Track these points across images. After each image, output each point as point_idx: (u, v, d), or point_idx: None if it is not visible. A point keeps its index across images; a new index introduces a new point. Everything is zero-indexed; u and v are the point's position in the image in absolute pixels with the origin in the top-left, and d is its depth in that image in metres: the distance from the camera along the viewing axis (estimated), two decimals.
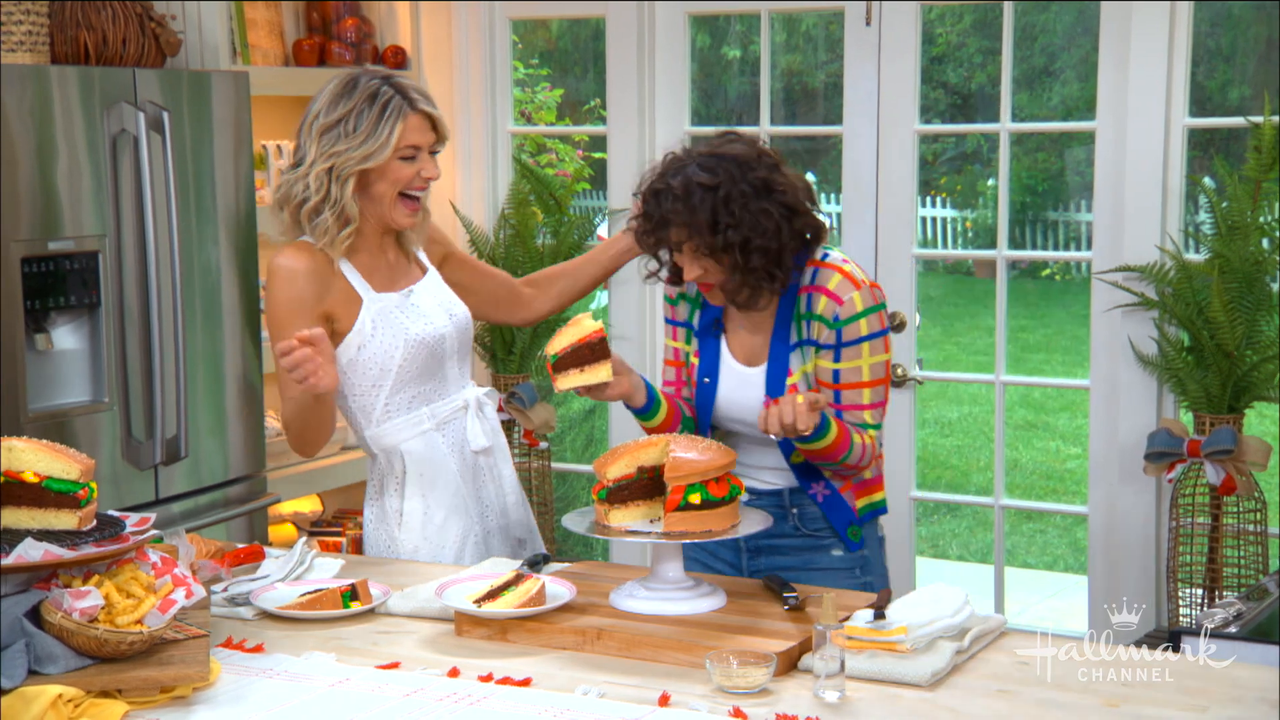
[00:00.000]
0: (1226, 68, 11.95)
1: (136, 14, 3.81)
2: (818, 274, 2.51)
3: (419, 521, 2.71)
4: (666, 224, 2.45)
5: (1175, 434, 3.82)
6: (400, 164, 2.60)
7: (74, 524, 2.10)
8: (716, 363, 2.61)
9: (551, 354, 2.45)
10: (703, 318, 2.63)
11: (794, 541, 2.61)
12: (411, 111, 2.59)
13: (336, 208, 2.58)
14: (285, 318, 2.58)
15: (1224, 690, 1.95)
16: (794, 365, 2.55)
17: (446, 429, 2.73)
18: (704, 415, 2.63)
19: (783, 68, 12.21)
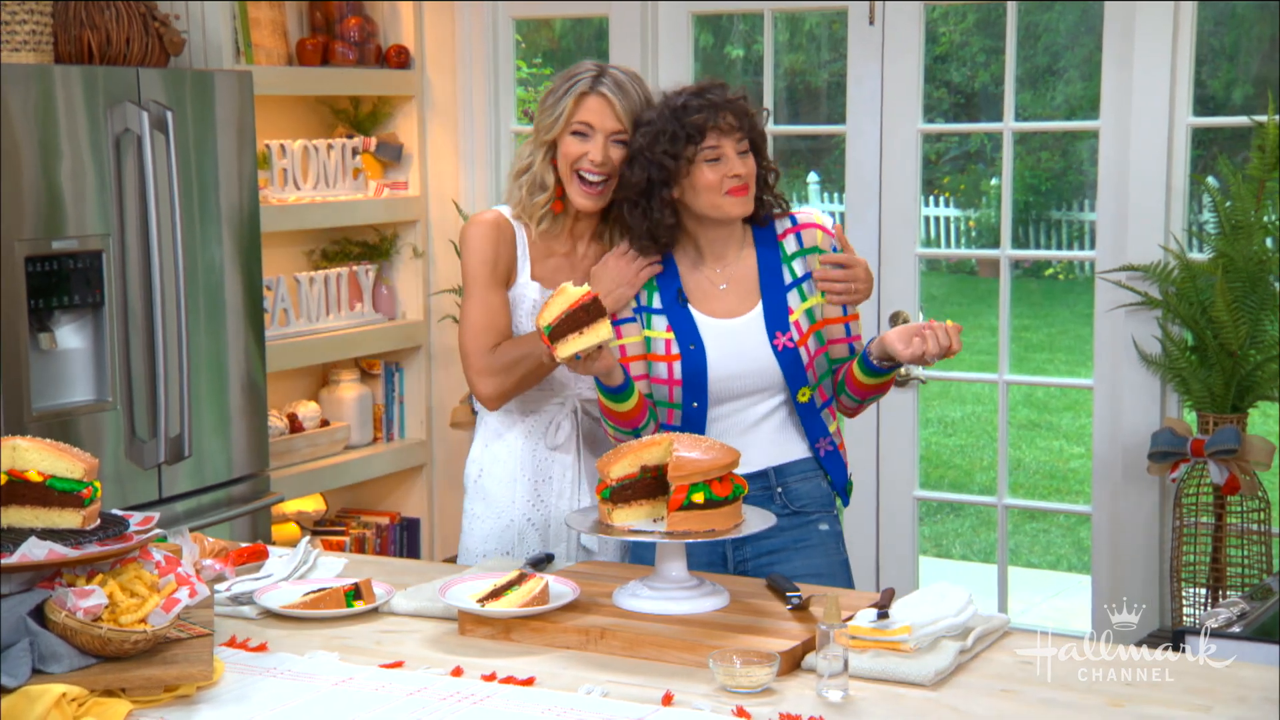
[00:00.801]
0: (1230, 67, 11.94)
1: (140, 14, 3.82)
2: (797, 218, 2.68)
3: (473, 487, 2.80)
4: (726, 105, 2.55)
5: (1179, 433, 3.82)
6: (572, 139, 2.68)
7: (78, 523, 2.10)
8: (694, 328, 2.62)
9: (545, 325, 2.41)
10: (664, 295, 2.64)
11: (781, 522, 2.60)
12: (590, 92, 2.68)
13: (533, 174, 2.72)
14: (477, 277, 2.71)
15: (1228, 690, 1.95)
16: (793, 304, 2.62)
17: (531, 419, 2.75)
18: (698, 384, 2.61)
19: (786, 67, 12.20)
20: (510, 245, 2.73)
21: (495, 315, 2.70)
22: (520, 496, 2.75)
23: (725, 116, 2.57)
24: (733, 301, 2.63)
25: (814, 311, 2.63)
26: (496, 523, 2.74)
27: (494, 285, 2.71)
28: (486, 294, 2.70)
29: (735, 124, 2.57)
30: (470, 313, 2.72)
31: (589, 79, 2.69)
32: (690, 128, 2.55)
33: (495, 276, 2.71)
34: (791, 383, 2.60)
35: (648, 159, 2.58)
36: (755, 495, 2.58)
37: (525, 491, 2.75)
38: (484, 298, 2.70)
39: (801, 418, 2.63)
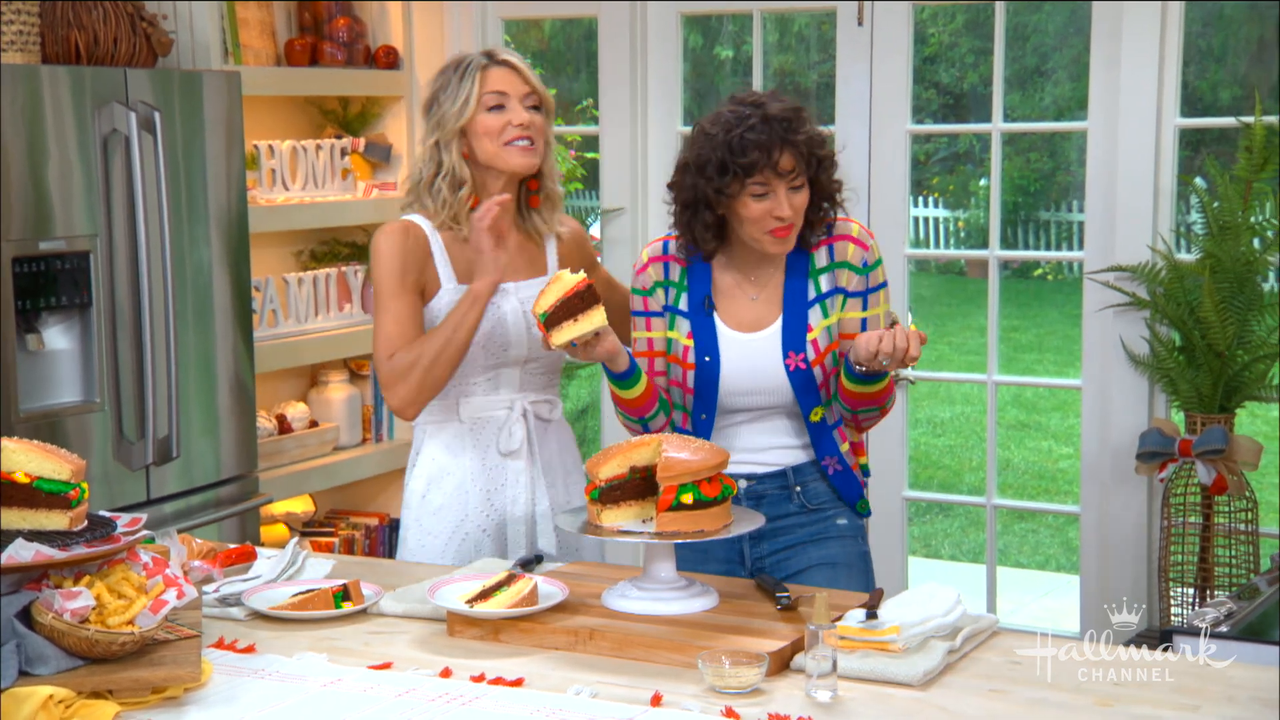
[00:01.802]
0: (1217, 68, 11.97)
1: (128, 14, 3.81)
2: (833, 228, 2.59)
3: (417, 502, 2.75)
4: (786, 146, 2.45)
5: (1167, 434, 3.83)
6: (489, 115, 2.67)
7: (65, 524, 2.10)
8: (714, 339, 2.57)
9: (541, 312, 2.41)
10: (691, 298, 2.60)
11: (800, 519, 2.60)
12: (491, 64, 2.70)
13: (447, 174, 2.70)
14: (387, 289, 2.67)
15: (1218, 690, 1.96)
16: (813, 320, 2.55)
17: (478, 424, 2.73)
18: (708, 396, 2.57)
19: (775, 68, 12.21)
20: (422, 252, 2.69)
21: (403, 325, 2.64)
22: (473, 507, 2.72)
23: (780, 160, 2.46)
24: (758, 313, 2.58)
25: (833, 329, 2.57)
26: (451, 537, 2.72)
27: (402, 294, 2.66)
28: (394, 304, 2.65)
29: (790, 167, 2.47)
30: (378, 324, 2.67)
31: (480, 57, 2.70)
32: (738, 166, 2.45)
33: (404, 285, 2.66)
34: (804, 404, 2.56)
35: (694, 180, 2.51)
36: (774, 494, 2.59)
37: (478, 501, 2.72)
38: (391, 308, 2.65)
39: (812, 437, 2.59)
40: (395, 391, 2.64)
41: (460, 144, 2.69)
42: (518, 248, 2.75)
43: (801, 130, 2.49)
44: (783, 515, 2.60)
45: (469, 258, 2.68)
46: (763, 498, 2.60)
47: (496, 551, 2.74)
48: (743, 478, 2.58)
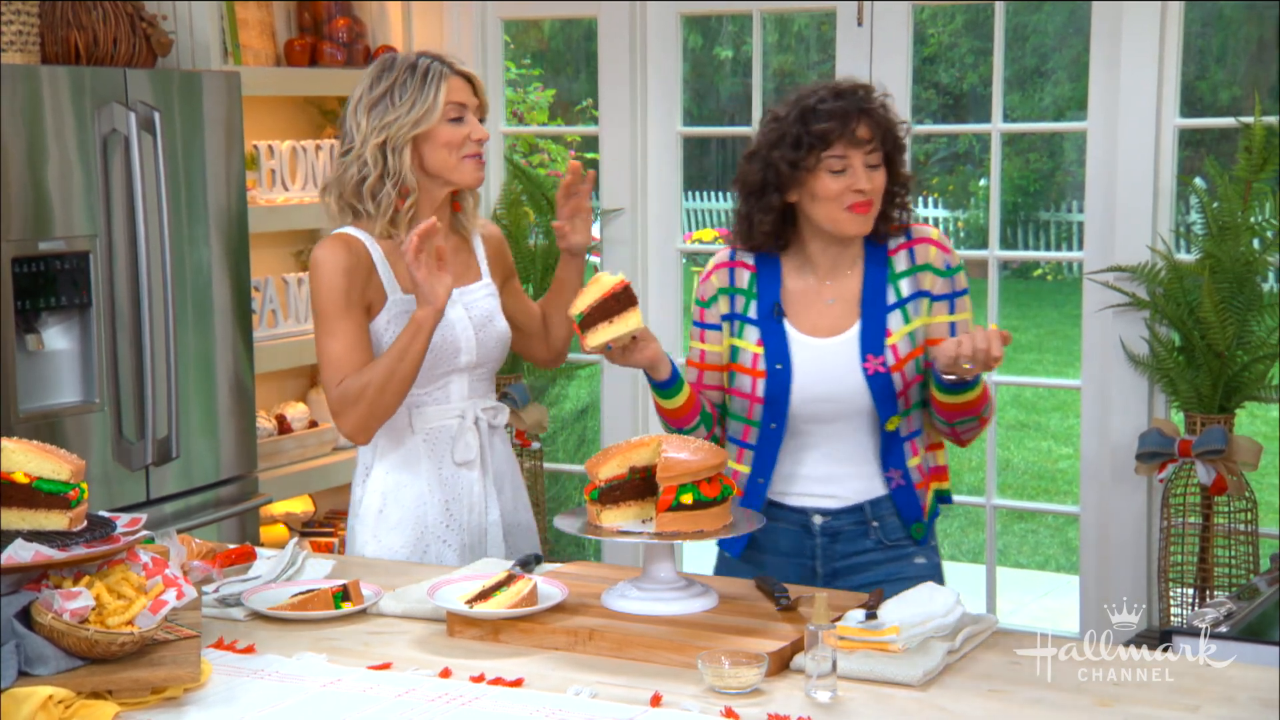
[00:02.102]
0: (1217, 68, 11.98)
1: (127, 14, 3.81)
2: (911, 231, 2.52)
3: (373, 518, 2.71)
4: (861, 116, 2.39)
5: (1166, 434, 3.83)
6: (449, 127, 2.63)
7: (65, 525, 2.10)
8: (785, 346, 2.48)
9: (577, 313, 2.38)
10: (761, 304, 2.51)
11: (876, 556, 2.50)
12: (451, 73, 2.65)
13: (396, 179, 2.63)
14: (332, 310, 2.60)
15: (1216, 690, 1.96)
16: (893, 325, 2.47)
17: (432, 434, 2.70)
18: (779, 404, 2.48)
19: (775, 68, 12.21)
20: (366, 268, 2.62)
21: (351, 349, 2.58)
22: (432, 519, 2.70)
23: (857, 128, 2.40)
24: (833, 318, 2.49)
25: (916, 336, 2.48)
26: (412, 551, 2.70)
27: (348, 314, 2.59)
28: (340, 325, 2.59)
29: (868, 136, 2.41)
30: (324, 348, 2.61)
31: (437, 63, 2.65)
32: (815, 136, 2.39)
33: (349, 304, 2.60)
34: (882, 411, 2.46)
35: (766, 160, 2.44)
36: (850, 530, 2.50)
37: (437, 512, 2.70)
38: (338, 330, 2.59)
39: (882, 445, 2.49)
40: (346, 419, 2.59)
41: (411, 149, 2.63)
42: (453, 252, 2.72)
43: (875, 100, 2.44)
44: (860, 552, 2.52)
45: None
46: (838, 534, 2.52)
47: (460, 561, 2.72)
48: (817, 512, 2.51)
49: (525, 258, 4.50)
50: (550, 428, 5.21)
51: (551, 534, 4.67)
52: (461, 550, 2.72)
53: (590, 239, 2.85)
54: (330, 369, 2.60)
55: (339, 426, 2.63)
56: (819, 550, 2.51)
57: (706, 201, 14.30)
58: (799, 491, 2.52)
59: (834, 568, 2.52)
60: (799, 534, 2.52)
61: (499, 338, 2.75)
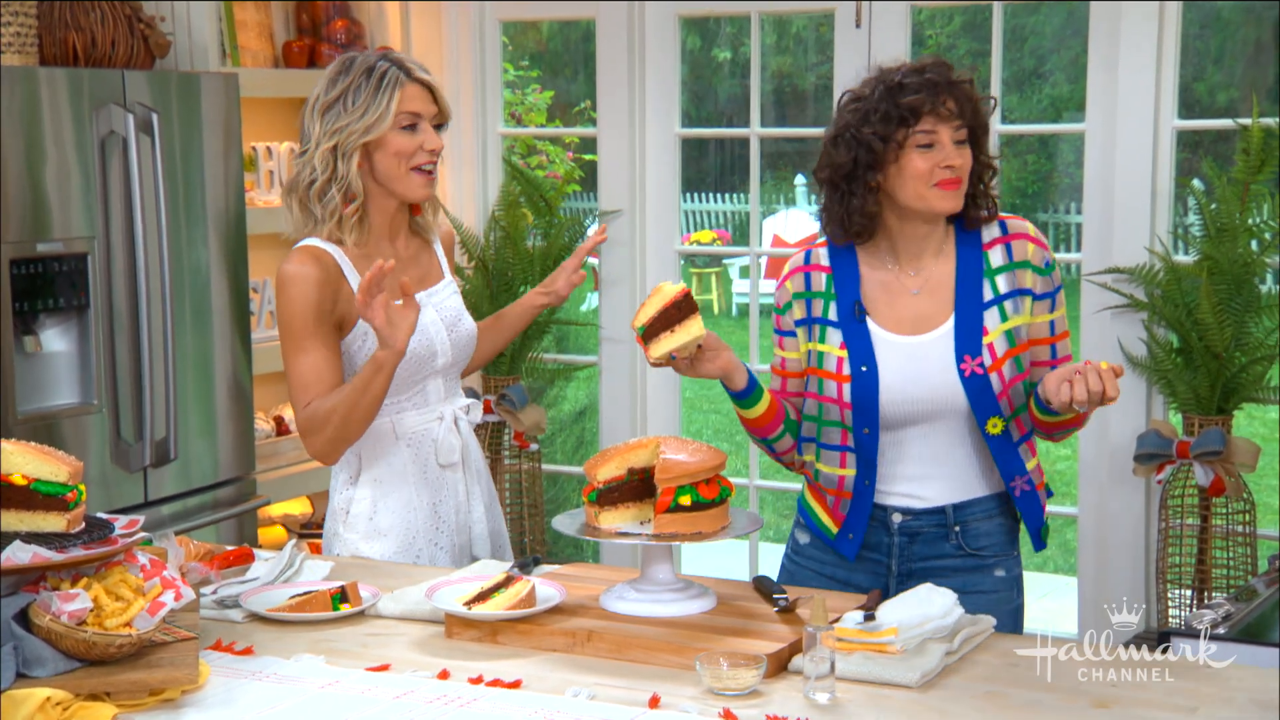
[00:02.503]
0: (1215, 70, 11.98)
1: (125, 15, 3.81)
2: (1006, 225, 2.44)
3: (362, 524, 2.70)
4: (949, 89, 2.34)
5: (1164, 435, 3.83)
6: (401, 135, 2.58)
7: (62, 526, 2.09)
8: (869, 347, 2.40)
9: (639, 325, 2.32)
10: (841, 305, 2.43)
11: (954, 563, 2.43)
12: (409, 80, 2.58)
13: (342, 184, 2.59)
14: (301, 327, 2.56)
15: (1215, 691, 1.96)
16: (990, 323, 2.38)
17: (415, 439, 2.69)
18: (869, 408, 2.39)
19: (773, 70, 12.21)
20: (336, 281, 2.58)
21: (320, 371, 2.55)
22: (421, 522, 2.69)
23: (946, 101, 2.34)
24: (922, 312, 2.41)
25: (1015, 334, 2.39)
26: (405, 556, 2.69)
27: (318, 333, 2.55)
28: (310, 344, 2.55)
29: (955, 110, 2.35)
30: (293, 368, 2.57)
31: (395, 68, 2.58)
32: (905, 109, 2.33)
33: (319, 322, 2.55)
34: (979, 413, 2.37)
35: (855, 139, 2.37)
36: (930, 533, 2.44)
37: (425, 515, 2.69)
38: (308, 349, 2.55)
39: (994, 451, 2.39)
40: (312, 442, 2.58)
41: (360, 156, 2.59)
42: (414, 255, 2.71)
43: (960, 76, 2.37)
44: (938, 556, 2.45)
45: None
46: (917, 535, 2.45)
47: (448, 563, 2.72)
48: (898, 511, 2.45)
49: (524, 259, 4.50)
50: (549, 429, 5.22)
51: (550, 535, 4.67)
52: (452, 551, 2.73)
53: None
54: (299, 389, 2.57)
55: (306, 446, 2.61)
56: (895, 549, 2.46)
57: (705, 203, 14.30)
58: (886, 489, 2.46)
59: (910, 569, 2.45)
60: (879, 531, 2.47)
61: (469, 335, 2.75)
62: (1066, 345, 2.46)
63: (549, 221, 4.58)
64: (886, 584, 2.47)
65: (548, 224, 4.58)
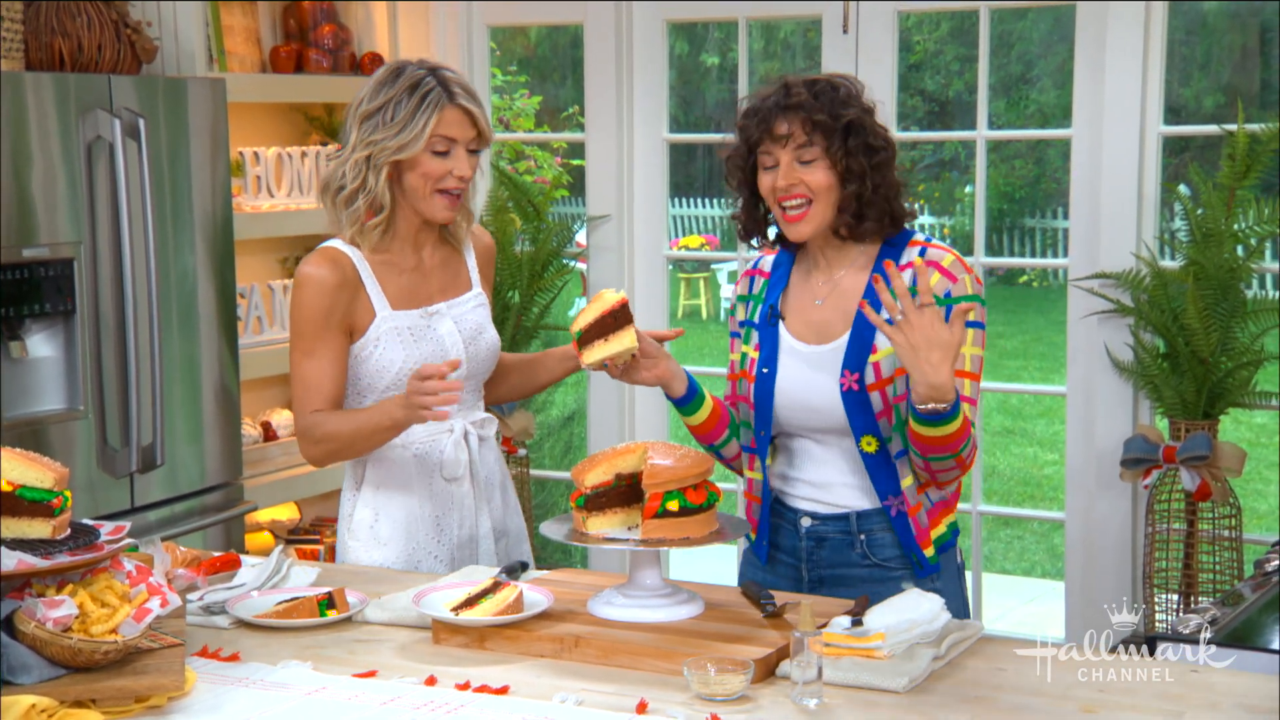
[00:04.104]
0: (1201, 76, 12.03)
1: (112, 20, 3.80)
2: (926, 252, 2.39)
3: (364, 532, 2.69)
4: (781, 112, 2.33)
5: (1151, 440, 3.84)
6: (432, 158, 2.56)
7: (48, 533, 2.09)
8: (775, 349, 2.43)
9: (576, 330, 2.37)
10: (762, 310, 2.48)
11: (861, 572, 2.43)
12: (449, 104, 2.55)
13: (369, 195, 2.59)
14: (311, 330, 2.57)
15: (1201, 696, 1.96)
16: (881, 342, 2.35)
17: (422, 450, 2.67)
18: (764, 410, 2.43)
19: (761, 75, 12.22)
20: (353, 287, 2.59)
21: (324, 376, 2.56)
22: (423, 534, 2.68)
23: (777, 125, 2.35)
24: (826, 322, 2.43)
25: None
26: (405, 566, 2.68)
27: (325, 336, 2.56)
28: (317, 347, 2.56)
29: (786, 132, 2.34)
30: (298, 368, 2.58)
31: (439, 89, 2.55)
32: (745, 136, 2.39)
33: (329, 326, 2.56)
34: (855, 428, 2.37)
35: (729, 158, 2.44)
36: (836, 539, 2.45)
37: (427, 528, 2.68)
38: (315, 353, 2.56)
39: (868, 469, 2.39)
40: (308, 450, 2.61)
41: (390, 169, 2.58)
42: (441, 263, 2.70)
43: (806, 96, 2.35)
44: (844, 564, 2.45)
45: (400, 283, 2.64)
46: (824, 540, 2.46)
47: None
48: (805, 514, 2.47)
49: (511, 264, 4.50)
50: (537, 434, 5.21)
51: (538, 541, 4.67)
52: (452, 564, 2.71)
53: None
54: (302, 392, 2.58)
55: (301, 450, 2.63)
56: (805, 554, 2.50)
57: (693, 208, 14.32)
58: (794, 494, 2.50)
59: (820, 575, 2.48)
60: (791, 534, 2.51)
61: (489, 348, 2.72)
62: (961, 383, 2.32)
63: (537, 227, 4.58)
64: (799, 590, 2.48)
65: (536, 229, 4.58)
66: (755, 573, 2.56)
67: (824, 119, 2.35)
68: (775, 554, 2.53)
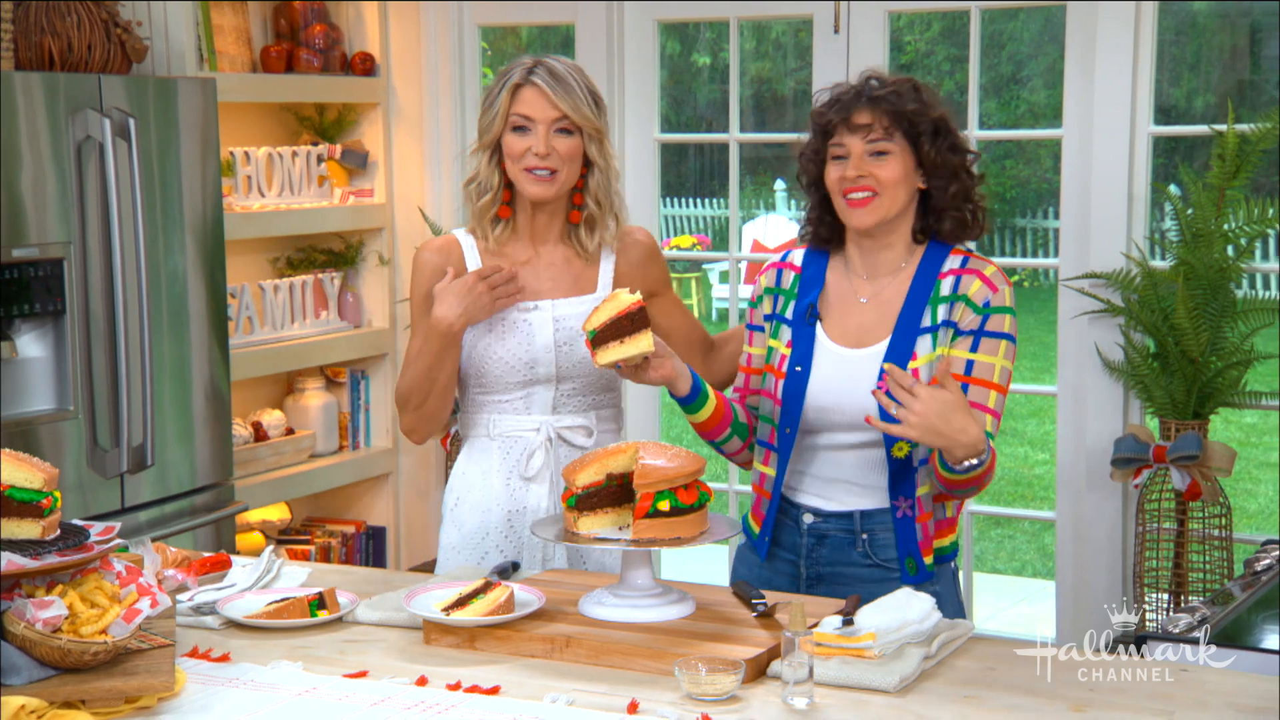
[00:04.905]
0: (1191, 76, 12.05)
1: (102, 20, 3.79)
2: (969, 261, 2.42)
3: (449, 514, 2.74)
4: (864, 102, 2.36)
5: (1141, 440, 3.85)
6: (513, 136, 2.60)
7: (37, 533, 2.08)
8: (810, 349, 2.43)
9: (589, 329, 2.36)
10: (798, 306, 2.48)
11: (861, 571, 2.44)
12: (525, 84, 2.59)
13: (480, 180, 2.66)
14: (415, 310, 2.69)
15: (1191, 695, 1.97)
16: (920, 350, 2.37)
17: (507, 445, 2.68)
18: (793, 409, 2.43)
19: (752, 75, 12.24)
20: (456, 271, 2.65)
21: (415, 353, 2.66)
22: (494, 526, 2.69)
23: (856, 114, 2.37)
24: (866, 325, 2.43)
25: (935, 365, 2.35)
26: (473, 554, 2.69)
27: (424, 317, 2.65)
28: (417, 328, 2.68)
29: (868, 122, 2.36)
30: (408, 347, 2.71)
31: (521, 70, 2.61)
32: (823, 123, 2.41)
33: (428, 310, 2.64)
34: (889, 435, 2.33)
35: (801, 154, 2.47)
36: (837, 537, 2.46)
37: (499, 521, 2.68)
38: (415, 330, 2.68)
39: (891, 471, 2.41)
40: (402, 420, 2.72)
41: (494, 154, 2.64)
42: (563, 263, 2.69)
43: (887, 89, 2.37)
44: (845, 563, 2.46)
45: None
46: (824, 538, 2.47)
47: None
48: (809, 511, 2.48)
49: None
50: None
51: None
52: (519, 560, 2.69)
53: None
54: (402, 366, 2.71)
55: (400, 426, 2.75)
56: (804, 550, 2.49)
57: (684, 208, 14.32)
58: (799, 489, 2.49)
59: (819, 572, 2.48)
60: (793, 531, 2.50)
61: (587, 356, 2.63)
62: (988, 395, 2.37)
63: None
64: (796, 588, 2.49)
65: None
66: (751, 569, 2.56)
67: (911, 110, 2.37)
68: (775, 550, 2.53)
